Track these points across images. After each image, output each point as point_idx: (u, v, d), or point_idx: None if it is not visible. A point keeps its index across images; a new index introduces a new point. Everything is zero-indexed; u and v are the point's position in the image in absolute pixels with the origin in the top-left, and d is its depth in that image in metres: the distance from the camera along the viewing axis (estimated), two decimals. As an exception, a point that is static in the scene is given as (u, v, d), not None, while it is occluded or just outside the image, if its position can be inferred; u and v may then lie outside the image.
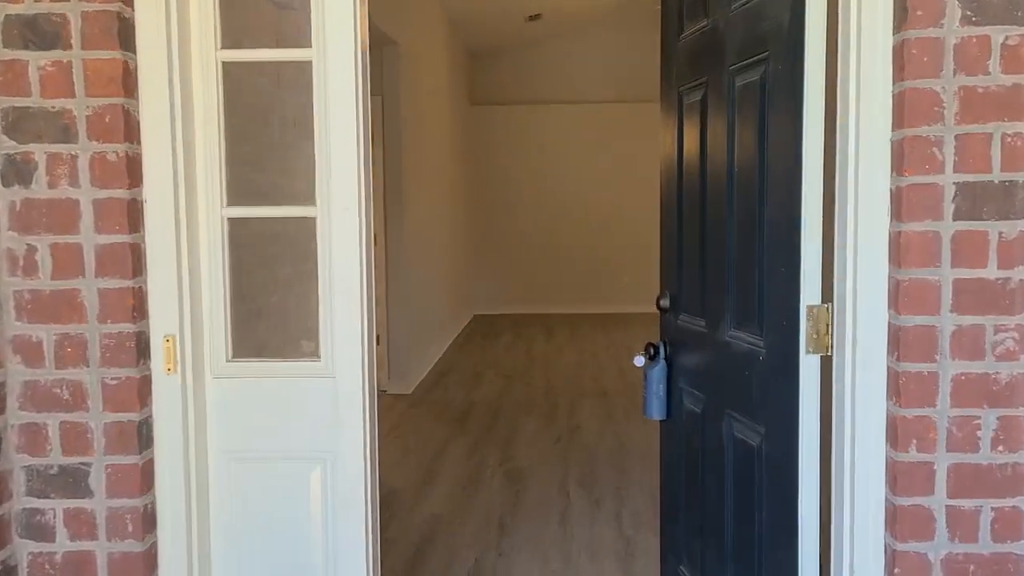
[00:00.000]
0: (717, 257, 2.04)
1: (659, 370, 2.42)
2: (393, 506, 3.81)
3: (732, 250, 1.95)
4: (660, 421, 2.47)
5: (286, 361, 1.98)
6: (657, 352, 2.45)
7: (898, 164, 1.53)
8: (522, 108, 10.35)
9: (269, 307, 2.05)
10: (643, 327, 8.89)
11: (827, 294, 1.66)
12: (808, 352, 1.66)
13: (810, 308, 1.65)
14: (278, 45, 1.99)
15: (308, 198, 1.93)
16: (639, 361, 2.46)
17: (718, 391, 2.07)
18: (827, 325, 1.64)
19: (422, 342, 6.70)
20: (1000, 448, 1.53)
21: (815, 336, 1.65)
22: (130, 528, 1.80)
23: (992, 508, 1.55)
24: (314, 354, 1.92)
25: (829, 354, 1.65)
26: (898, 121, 1.53)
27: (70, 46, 1.71)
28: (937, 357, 1.52)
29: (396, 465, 4.42)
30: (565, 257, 10.42)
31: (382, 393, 6.00)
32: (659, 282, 2.55)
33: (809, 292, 1.65)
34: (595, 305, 10.43)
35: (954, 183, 1.51)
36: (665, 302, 2.44)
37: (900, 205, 1.52)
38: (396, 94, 5.93)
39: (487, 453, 4.59)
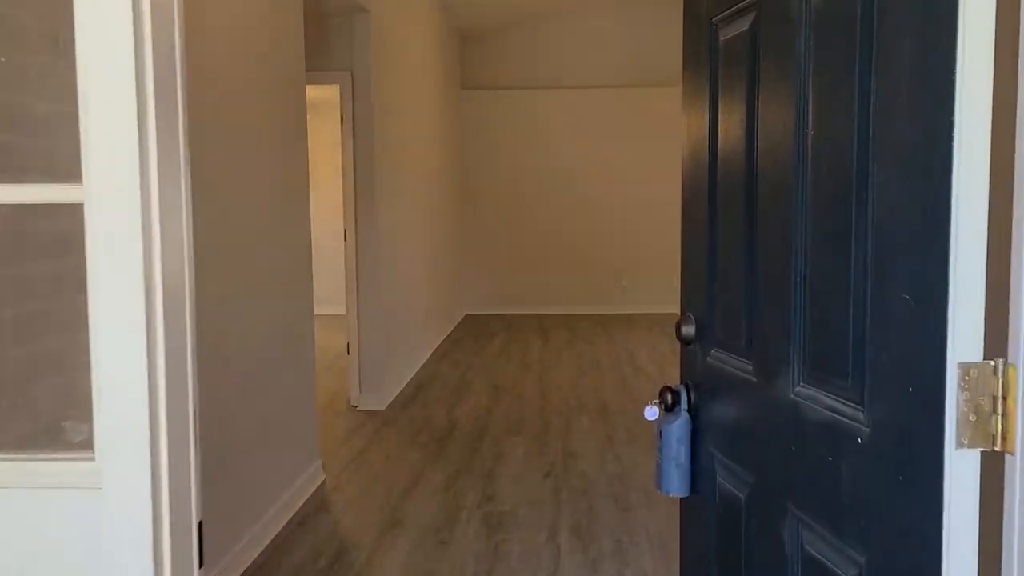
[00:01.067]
0: (776, 272, 1.32)
1: (680, 426, 1.70)
2: (344, 562, 3.10)
3: (804, 264, 1.24)
4: (681, 499, 1.76)
5: (34, 459, 1.18)
6: (677, 400, 1.72)
7: None
8: (518, 93, 9.61)
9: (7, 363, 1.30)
10: (647, 329, 8.15)
11: (995, 346, 0.94)
12: (961, 444, 0.94)
13: (966, 368, 0.93)
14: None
15: (71, 173, 1.16)
16: (651, 413, 1.74)
17: (776, 473, 1.36)
18: (997, 399, 0.93)
19: (399, 350, 5.98)
20: None
21: (973, 417, 0.93)
22: None
23: None
24: (86, 447, 1.14)
25: (1001, 449, 0.93)
26: None
27: None
28: None
29: (356, 505, 3.71)
30: (563, 254, 9.70)
31: (352, 409, 5.29)
32: (680, 301, 1.83)
33: (963, 341, 0.93)
34: (595, 305, 9.71)
35: None
36: (689, 330, 1.72)
37: None
38: (366, 69, 5.20)
39: (466, 487, 3.88)
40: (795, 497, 1.29)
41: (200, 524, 1.22)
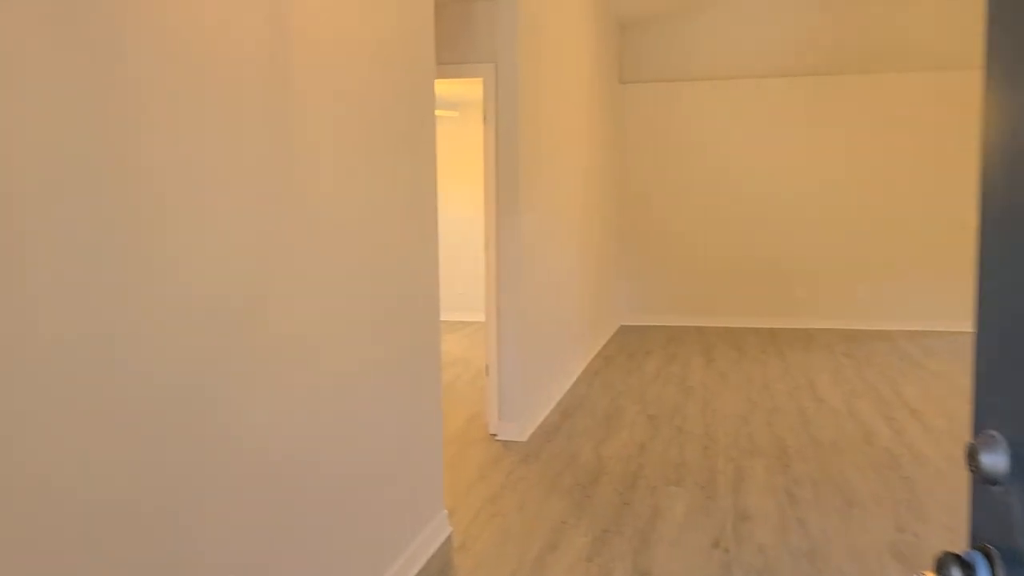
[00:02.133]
0: None
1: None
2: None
3: None
4: None
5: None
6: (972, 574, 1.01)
7: None
8: (680, 86, 8.80)
9: None
10: (825, 349, 7.14)
11: None
12: None
13: None
14: None
15: None
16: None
17: None
18: None
19: (545, 369, 5.39)
20: None
21: None
22: None
23: None
24: None
25: None
26: None
27: None
28: None
29: (484, 571, 3.14)
30: (729, 260, 8.80)
31: (490, 439, 4.74)
32: (974, 402, 1.10)
33: None
34: (764, 318, 8.75)
35: None
36: (995, 459, 0.99)
37: None
38: (513, 60, 4.63)
39: (614, 557, 3.22)
40: None
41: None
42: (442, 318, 9.37)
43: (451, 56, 4.71)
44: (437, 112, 7.81)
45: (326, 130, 2.39)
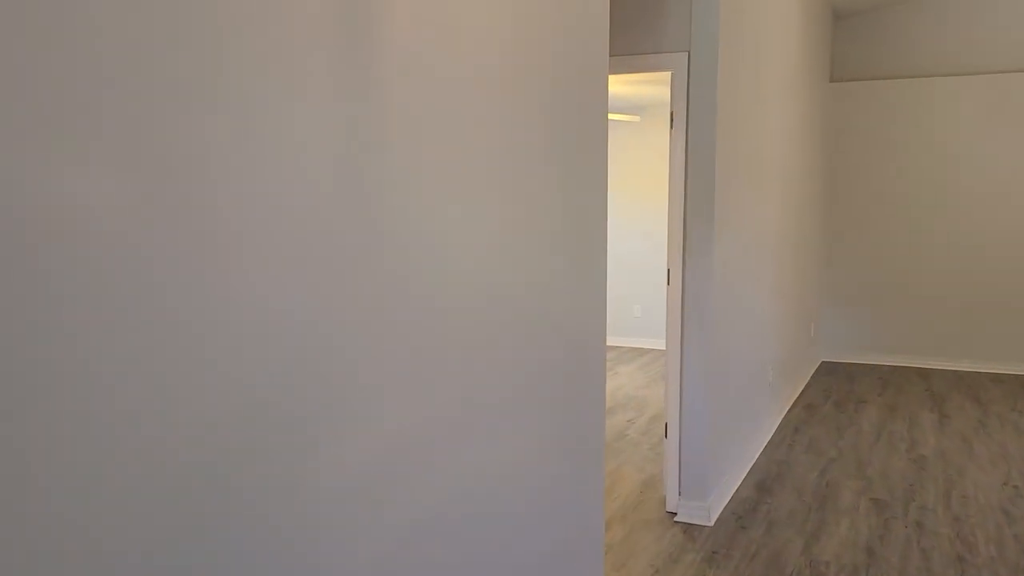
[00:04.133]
0: None
1: None
2: None
3: None
4: None
5: None
6: None
7: None
8: (906, 84, 7.43)
9: None
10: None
11: None
12: None
13: None
14: None
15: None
16: None
17: None
18: None
19: (737, 427, 4.38)
20: None
21: None
22: None
23: None
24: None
25: None
26: None
27: None
28: None
29: None
30: (959, 289, 7.32)
31: (667, 519, 3.81)
32: None
33: None
34: (1009, 363, 7.19)
35: None
36: None
37: None
38: (712, 48, 3.68)
39: None
40: None
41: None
42: (616, 344, 8.47)
43: (631, 45, 3.83)
44: (615, 116, 6.93)
45: (428, 135, 1.59)
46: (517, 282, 1.96)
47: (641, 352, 8.16)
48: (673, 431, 3.91)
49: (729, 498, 4.12)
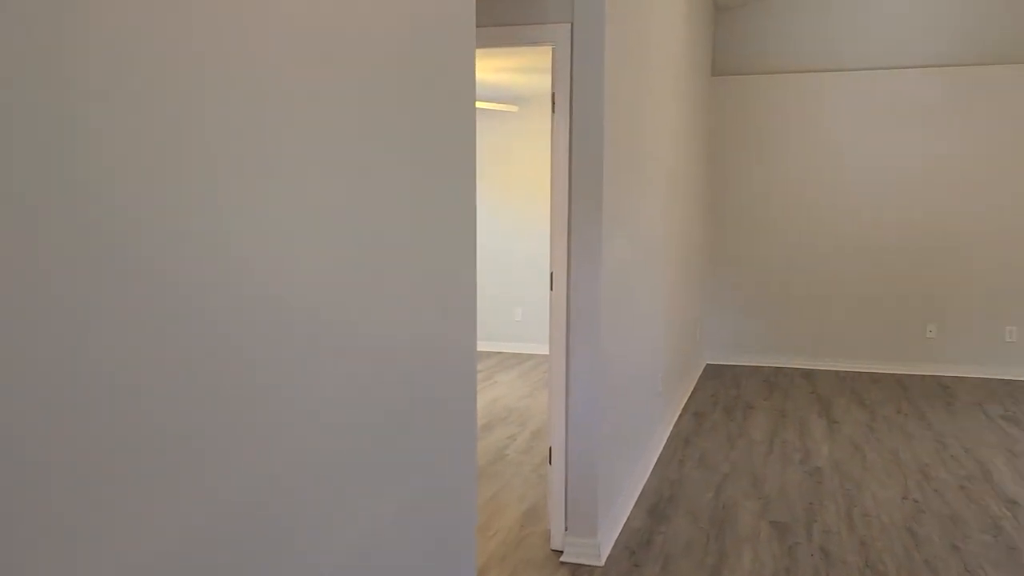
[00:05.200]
0: None
1: None
2: None
3: None
4: None
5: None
6: None
7: None
8: (789, 79, 7.28)
9: None
10: (978, 409, 5.48)
11: None
12: None
13: None
14: None
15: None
16: None
17: None
18: None
19: (627, 447, 3.96)
20: None
21: None
22: None
23: None
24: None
25: None
26: None
27: None
28: None
29: None
30: (841, 288, 7.23)
31: (552, 558, 3.33)
32: None
33: None
34: (887, 362, 7.16)
35: None
36: None
37: None
38: (597, 20, 3.22)
39: None
40: None
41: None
42: (495, 350, 7.99)
43: (504, 15, 3.33)
44: (490, 105, 6.44)
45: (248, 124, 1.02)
46: (350, 298, 1.41)
47: (522, 358, 7.71)
48: (558, 456, 3.43)
49: (620, 528, 3.68)
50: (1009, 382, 6.73)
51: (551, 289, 3.42)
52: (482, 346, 8.05)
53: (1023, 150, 6.75)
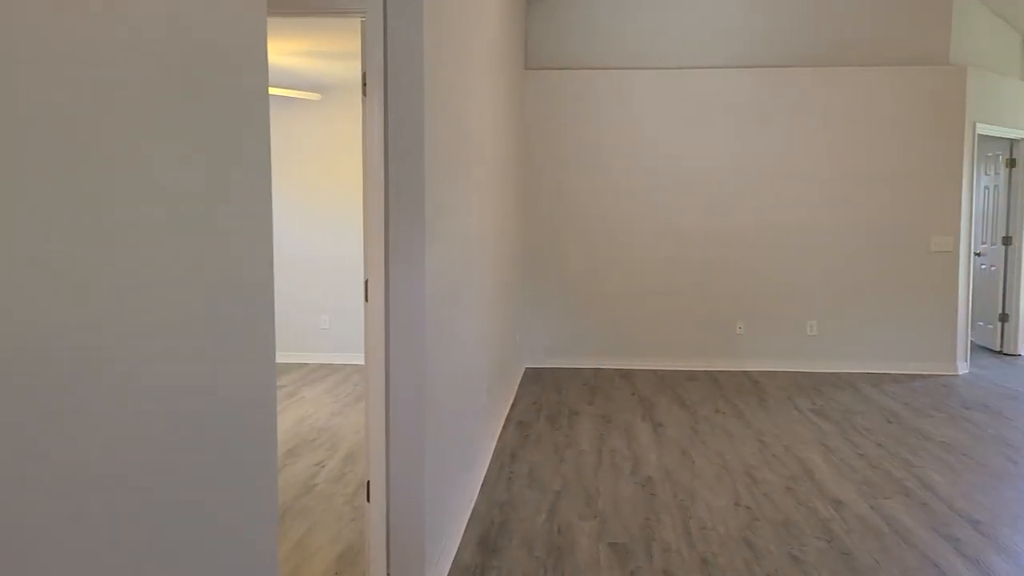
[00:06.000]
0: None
1: None
2: None
3: None
4: None
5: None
6: None
7: None
8: (599, 75, 7.18)
9: None
10: (787, 404, 5.57)
11: None
12: None
13: None
14: None
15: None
16: None
17: None
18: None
19: (453, 471, 3.56)
20: None
21: None
22: None
23: None
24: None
25: None
26: None
27: None
28: None
29: None
30: (656, 287, 7.24)
31: (374, 619, 2.85)
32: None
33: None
34: (699, 359, 7.24)
35: None
36: None
37: None
38: (416, 10, 2.78)
39: None
40: None
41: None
42: (301, 361, 7.35)
43: (309, -23, 2.82)
44: (290, 93, 5.84)
45: None
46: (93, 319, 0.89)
47: (331, 369, 7.12)
48: (378, 491, 2.96)
49: (450, 565, 3.27)
50: (812, 374, 6.99)
51: (366, 300, 2.95)
52: (285, 357, 7.38)
53: (821, 150, 7.04)
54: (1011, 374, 7.04)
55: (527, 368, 7.26)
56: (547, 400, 6.08)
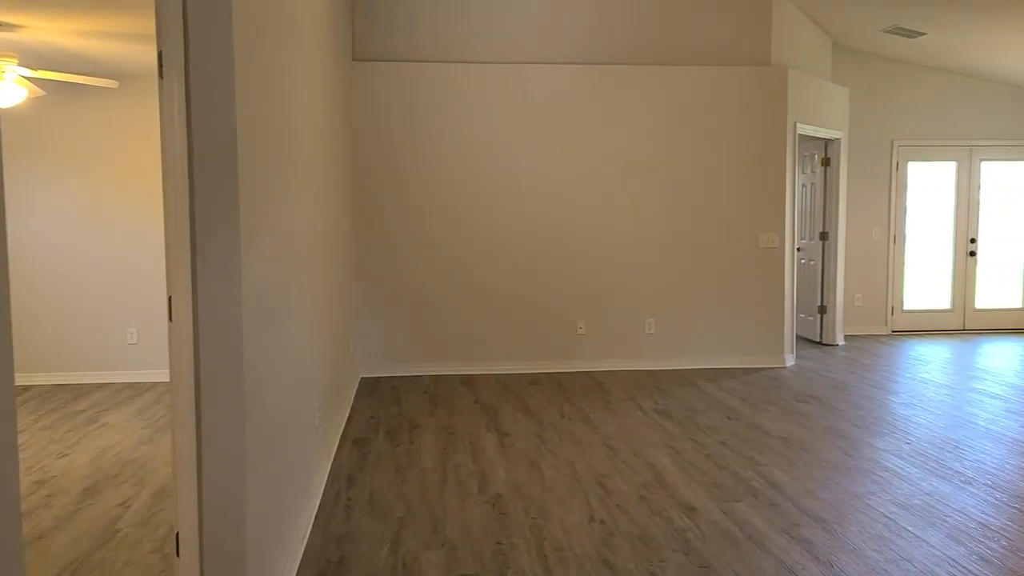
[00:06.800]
0: None
1: None
2: None
3: None
4: None
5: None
6: None
7: None
8: (432, 67, 6.86)
9: None
10: (631, 404, 5.49)
11: None
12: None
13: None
14: None
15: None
16: None
17: None
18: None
19: (282, 508, 3.14)
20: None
21: None
22: None
23: None
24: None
25: None
26: None
27: None
28: None
29: None
30: (494, 288, 7.02)
31: None
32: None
33: None
34: (541, 361, 7.09)
35: None
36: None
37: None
38: (216, -52, 2.34)
39: None
40: None
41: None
42: (103, 380, 6.57)
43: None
44: (80, 79, 5.12)
45: None
46: None
47: (140, 389, 6.39)
48: (189, 546, 2.50)
49: (279, 621, 2.85)
50: (653, 372, 7.00)
51: (170, 319, 2.48)
52: (83, 378, 6.56)
53: (653, 149, 7.06)
54: (832, 364, 7.37)
55: (363, 378, 6.84)
56: (385, 413, 5.70)
